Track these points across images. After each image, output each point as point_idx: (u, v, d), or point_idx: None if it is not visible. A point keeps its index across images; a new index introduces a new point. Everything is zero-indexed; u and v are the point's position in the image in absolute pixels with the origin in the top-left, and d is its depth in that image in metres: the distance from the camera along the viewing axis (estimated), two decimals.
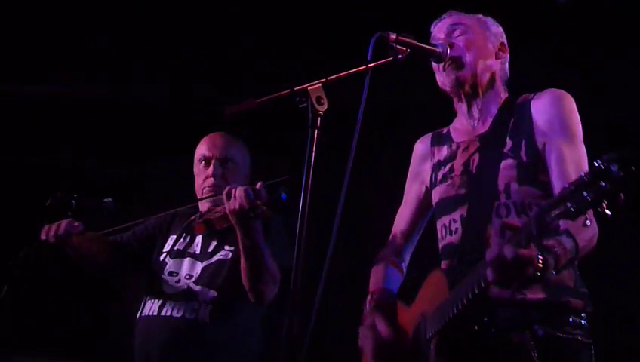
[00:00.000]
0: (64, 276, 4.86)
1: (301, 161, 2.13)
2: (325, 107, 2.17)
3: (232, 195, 2.79)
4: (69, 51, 4.71)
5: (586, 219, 1.79)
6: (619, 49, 4.48)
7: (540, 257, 1.95)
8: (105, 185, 4.83)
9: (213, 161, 3.22)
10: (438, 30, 2.60)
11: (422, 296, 2.47)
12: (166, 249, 3.23)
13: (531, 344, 2.18)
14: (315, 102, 2.17)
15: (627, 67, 4.48)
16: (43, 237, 3.04)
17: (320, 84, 2.21)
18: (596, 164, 1.72)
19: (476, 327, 2.20)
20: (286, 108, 2.22)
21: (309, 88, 2.19)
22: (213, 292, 3.04)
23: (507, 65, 2.64)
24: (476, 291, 2.08)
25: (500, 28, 2.66)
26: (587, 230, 2.12)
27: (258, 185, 2.80)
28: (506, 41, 2.64)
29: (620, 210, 1.74)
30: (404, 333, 2.46)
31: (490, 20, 2.65)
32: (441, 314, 2.25)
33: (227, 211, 2.82)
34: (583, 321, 2.26)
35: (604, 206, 1.74)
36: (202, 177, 3.24)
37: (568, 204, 1.79)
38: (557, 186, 2.27)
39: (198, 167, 3.29)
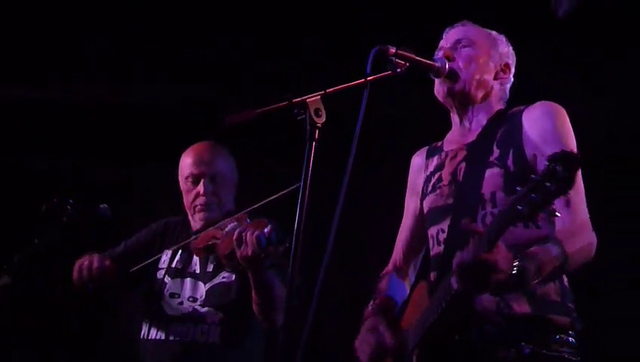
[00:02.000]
0: (59, 277, 4.88)
1: (299, 168, 2.13)
2: (323, 119, 2.16)
3: (244, 241, 2.71)
4: (67, 52, 4.71)
5: (538, 220, 1.85)
6: (619, 49, 4.48)
7: (515, 264, 1.94)
8: (103, 186, 4.85)
9: (202, 180, 3.15)
10: (446, 40, 2.59)
11: (408, 308, 2.48)
12: (163, 266, 3.18)
13: (516, 361, 2.16)
14: (313, 114, 2.15)
15: (627, 67, 4.47)
16: (75, 276, 3.04)
17: (319, 96, 2.20)
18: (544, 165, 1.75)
19: (457, 337, 2.21)
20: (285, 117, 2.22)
21: (307, 100, 2.18)
22: (220, 314, 3.02)
23: (508, 86, 2.61)
24: (448, 299, 2.09)
25: (510, 48, 2.63)
26: (580, 238, 2.15)
27: (267, 230, 2.69)
28: (511, 63, 2.61)
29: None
30: (400, 343, 2.46)
31: (501, 39, 2.62)
32: (421, 324, 2.27)
33: (238, 256, 2.73)
34: (570, 339, 2.24)
35: (554, 209, 1.79)
36: (192, 195, 3.17)
37: (519, 207, 1.81)
38: None
39: (186, 184, 3.20)
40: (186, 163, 3.21)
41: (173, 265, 3.17)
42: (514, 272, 1.94)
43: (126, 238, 3.33)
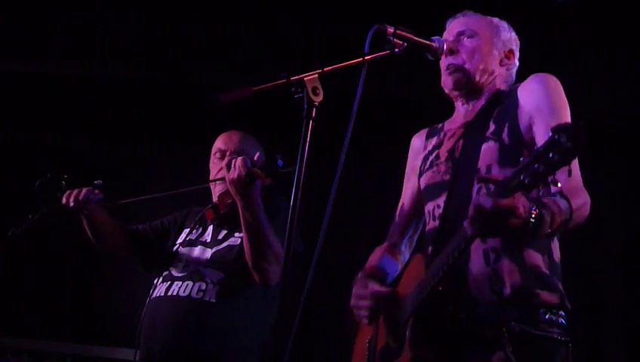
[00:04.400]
0: (52, 255, 4.89)
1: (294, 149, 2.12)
2: (321, 98, 2.17)
3: (232, 165, 2.89)
4: (64, 28, 4.73)
5: (540, 189, 1.84)
6: (619, 48, 4.48)
7: (533, 210, 1.94)
8: (97, 165, 4.87)
9: (227, 154, 3.33)
10: (449, 32, 2.61)
11: (403, 279, 2.50)
12: (179, 241, 3.32)
13: (506, 340, 2.17)
14: (310, 92, 2.16)
15: (627, 67, 4.48)
16: (64, 201, 3.13)
17: (316, 75, 2.20)
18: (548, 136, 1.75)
19: (451, 307, 2.22)
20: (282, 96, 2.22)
21: (305, 78, 2.18)
22: (220, 274, 3.10)
23: (514, 70, 2.62)
24: (456, 255, 2.08)
25: (513, 34, 2.64)
26: (579, 197, 2.15)
27: (256, 155, 2.90)
28: (515, 48, 2.63)
29: None
30: (394, 299, 2.46)
31: (503, 26, 2.63)
32: (418, 293, 2.28)
33: (227, 182, 2.92)
34: (560, 319, 2.25)
35: (556, 180, 1.78)
36: (216, 168, 3.36)
37: (522, 177, 1.81)
38: None
39: (213, 160, 3.42)
40: (217, 142, 3.46)
41: (188, 238, 3.31)
42: (532, 220, 1.94)
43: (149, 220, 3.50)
